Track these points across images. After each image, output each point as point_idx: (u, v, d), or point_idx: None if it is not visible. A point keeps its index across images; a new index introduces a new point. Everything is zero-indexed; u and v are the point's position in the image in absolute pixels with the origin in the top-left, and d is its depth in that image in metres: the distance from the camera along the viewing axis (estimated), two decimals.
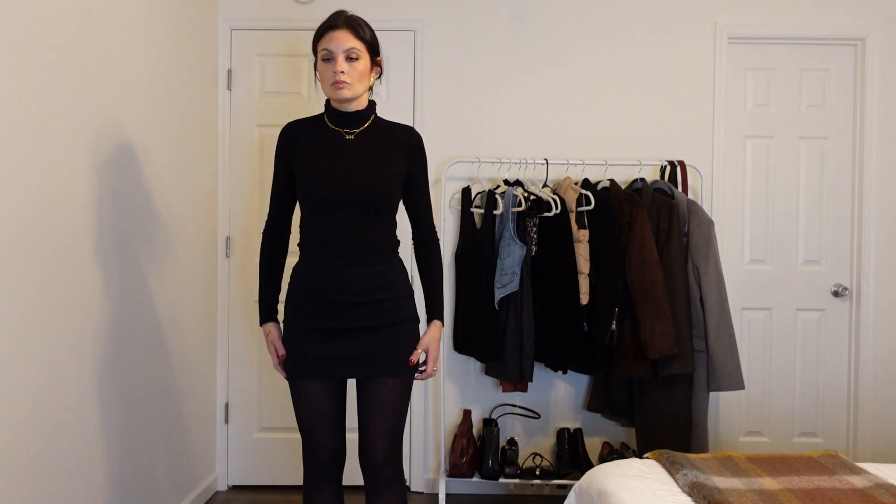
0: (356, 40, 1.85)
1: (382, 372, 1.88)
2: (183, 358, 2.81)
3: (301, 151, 1.93)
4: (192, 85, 2.88)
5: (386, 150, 1.92)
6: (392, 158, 1.91)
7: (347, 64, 1.84)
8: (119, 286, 2.25)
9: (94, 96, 2.09)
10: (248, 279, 3.23)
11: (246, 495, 3.17)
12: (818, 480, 1.91)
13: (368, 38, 1.89)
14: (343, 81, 1.84)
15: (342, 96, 1.86)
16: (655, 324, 2.73)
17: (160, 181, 2.56)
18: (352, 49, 1.84)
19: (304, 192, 1.90)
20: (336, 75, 1.83)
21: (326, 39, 1.87)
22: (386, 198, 1.89)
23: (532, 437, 3.22)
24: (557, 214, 2.87)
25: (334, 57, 1.84)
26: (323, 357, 1.87)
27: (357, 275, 1.86)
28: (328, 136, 1.93)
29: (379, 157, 1.90)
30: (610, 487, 1.89)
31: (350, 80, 1.84)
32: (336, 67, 1.83)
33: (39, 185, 1.82)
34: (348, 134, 1.92)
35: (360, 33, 1.87)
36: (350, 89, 1.85)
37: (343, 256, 1.86)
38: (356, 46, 1.85)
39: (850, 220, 3.26)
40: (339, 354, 1.87)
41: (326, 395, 1.90)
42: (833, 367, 3.28)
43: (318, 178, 1.87)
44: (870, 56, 3.20)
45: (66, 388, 1.95)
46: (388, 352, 1.88)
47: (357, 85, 1.87)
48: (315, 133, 1.95)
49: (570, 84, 3.22)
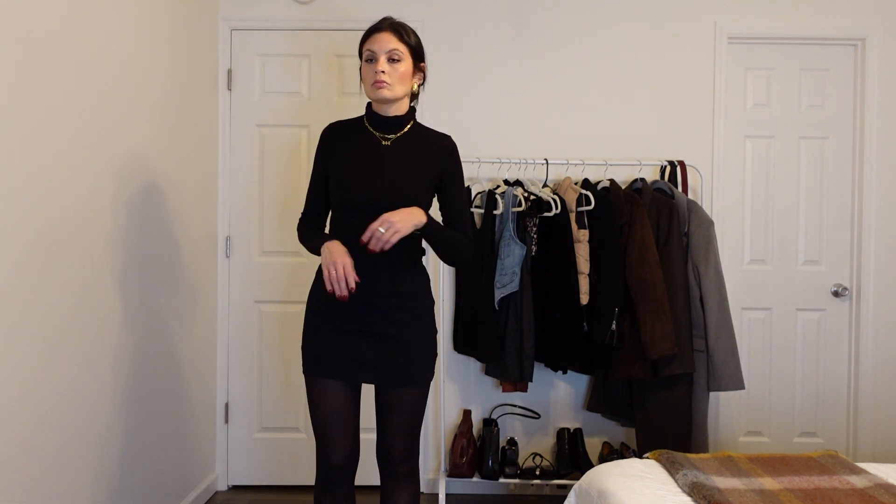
0: (399, 42, 1.87)
1: (403, 382, 1.91)
2: (183, 358, 2.81)
3: (337, 153, 1.94)
4: (192, 85, 2.88)
5: (420, 158, 1.92)
6: (425, 166, 1.91)
7: (389, 65, 1.86)
8: (118, 286, 2.25)
9: (94, 97, 2.09)
10: (249, 279, 3.23)
11: (246, 495, 3.17)
12: (818, 480, 1.91)
13: (413, 42, 1.92)
14: (383, 81, 1.85)
15: (382, 96, 1.87)
16: (655, 324, 2.73)
17: (160, 181, 2.56)
18: (394, 50, 1.86)
19: (335, 194, 1.92)
20: (377, 75, 1.85)
21: (371, 41, 1.89)
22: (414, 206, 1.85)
23: (532, 437, 3.22)
24: (557, 214, 2.87)
25: (377, 58, 1.86)
26: (342, 358, 1.88)
27: (380, 280, 1.87)
28: (365, 139, 1.94)
29: (412, 164, 1.90)
30: (610, 487, 1.88)
31: (390, 81, 1.85)
32: (377, 67, 1.85)
33: (36, 183, 1.81)
34: (385, 139, 1.93)
35: (403, 37, 1.89)
36: (390, 90, 1.86)
37: (368, 261, 1.84)
38: (399, 48, 1.87)
39: (850, 220, 3.26)
40: (359, 357, 1.88)
41: (343, 395, 1.90)
42: (833, 367, 3.28)
43: (349, 182, 1.89)
44: (870, 56, 3.20)
45: (65, 388, 1.95)
46: (410, 361, 1.90)
47: (398, 86, 1.88)
48: (353, 135, 1.96)
49: (570, 84, 3.22)
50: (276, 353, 3.23)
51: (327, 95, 3.21)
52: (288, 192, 3.21)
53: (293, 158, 3.22)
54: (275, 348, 3.23)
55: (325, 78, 3.20)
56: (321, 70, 3.21)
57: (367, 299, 1.86)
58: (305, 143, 3.22)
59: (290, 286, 3.19)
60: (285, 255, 3.21)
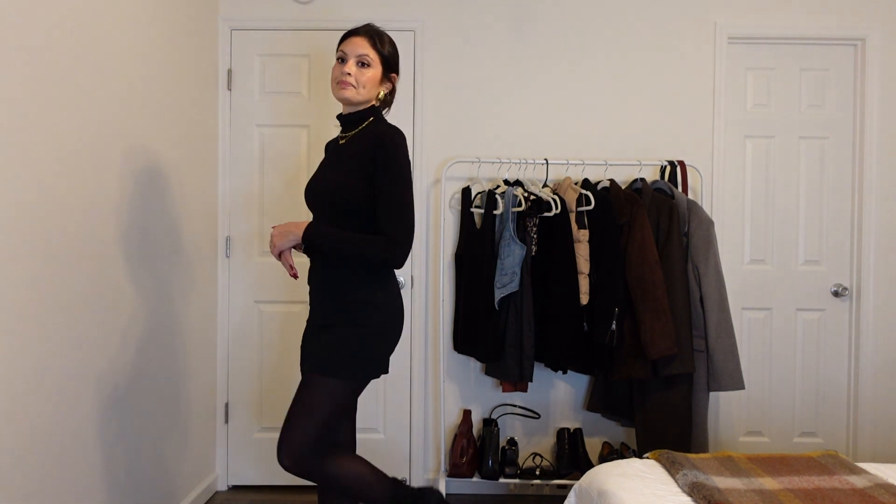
0: (371, 49, 1.91)
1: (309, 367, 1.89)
2: (183, 358, 2.81)
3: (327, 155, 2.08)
4: (192, 85, 2.88)
5: (358, 151, 1.89)
6: (360, 158, 1.87)
7: (357, 68, 1.90)
8: (118, 286, 2.25)
9: (94, 96, 2.09)
10: (249, 279, 3.23)
11: (246, 495, 3.17)
12: (818, 480, 1.91)
13: (385, 52, 1.94)
14: (347, 82, 1.89)
15: (343, 96, 1.91)
16: (655, 324, 2.73)
17: (160, 181, 2.56)
18: (364, 55, 1.90)
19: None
20: (342, 75, 1.89)
21: (345, 43, 1.94)
22: (343, 200, 1.85)
23: (532, 437, 3.22)
24: (557, 214, 2.87)
25: (347, 59, 1.91)
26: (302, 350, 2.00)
27: (322, 274, 1.92)
28: (334, 142, 2.05)
29: (350, 158, 1.90)
30: (610, 487, 1.88)
31: (355, 83, 1.89)
32: (345, 68, 1.89)
33: (37, 182, 1.81)
34: (342, 138, 2.00)
35: (376, 44, 1.92)
36: (353, 90, 1.90)
37: (317, 257, 1.95)
38: (369, 54, 1.90)
39: (850, 220, 3.26)
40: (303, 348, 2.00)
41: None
42: (833, 367, 3.28)
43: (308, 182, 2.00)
44: (870, 56, 3.20)
45: (66, 388, 1.95)
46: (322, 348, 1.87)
47: (361, 89, 1.91)
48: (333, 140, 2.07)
49: (570, 84, 3.22)
50: (276, 353, 3.23)
51: (327, 95, 3.20)
52: (288, 192, 3.21)
53: (293, 158, 3.22)
54: (275, 348, 3.23)
55: (325, 78, 3.20)
56: (321, 70, 3.21)
57: (312, 294, 1.96)
58: (305, 143, 3.22)
59: (290, 286, 3.19)
60: None
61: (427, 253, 3.20)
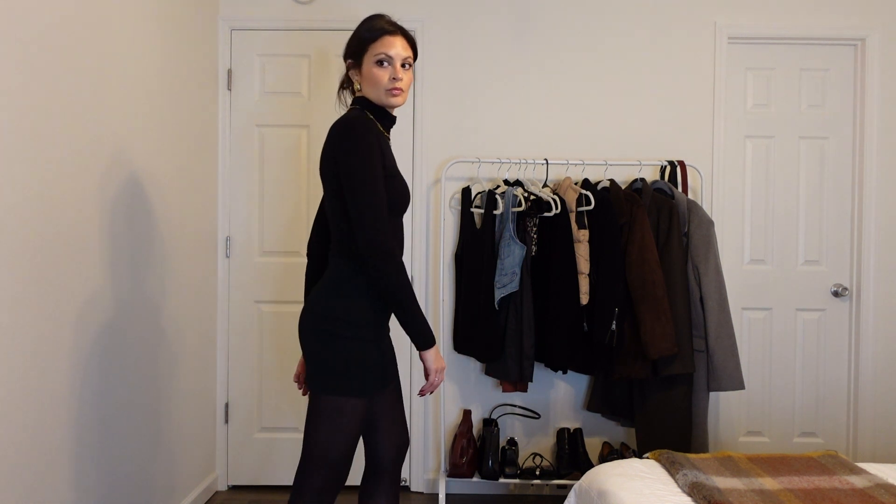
0: (410, 50, 1.85)
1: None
2: (183, 358, 2.81)
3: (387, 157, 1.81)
4: (192, 85, 2.88)
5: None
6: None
7: (403, 72, 1.82)
8: (119, 286, 2.25)
9: (94, 96, 2.09)
10: (249, 279, 3.23)
11: (246, 495, 3.17)
12: (818, 480, 1.91)
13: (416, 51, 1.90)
14: (400, 89, 1.81)
15: (397, 103, 1.83)
16: (655, 324, 2.73)
17: (160, 181, 2.56)
18: (408, 58, 1.84)
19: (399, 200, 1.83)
20: (394, 82, 1.80)
21: (383, 44, 1.81)
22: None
23: (532, 437, 3.22)
24: (557, 214, 2.87)
25: (393, 63, 1.80)
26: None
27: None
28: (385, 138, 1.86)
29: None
30: (610, 487, 1.89)
31: (404, 89, 1.83)
32: (396, 74, 1.80)
33: (37, 182, 1.81)
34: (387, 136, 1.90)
35: (413, 44, 1.87)
36: (403, 97, 1.84)
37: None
38: (410, 57, 1.85)
39: (850, 220, 3.27)
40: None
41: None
42: (833, 367, 3.28)
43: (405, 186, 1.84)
44: (870, 56, 3.20)
45: (66, 388, 1.95)
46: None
47: (406, 94, 1.86)
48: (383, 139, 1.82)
49: (570, 84, 3.22)
50: (276, 353, 3.23)
51: (327, 95, 3.20)
52: (288, 192, 3.21)
53: (293, 158, 3.22)
54: (275, 348, 3.23)
55: (325, 78, 3.20)
56: (321, 70, 3.21)
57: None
58: (305, 143, 3.22)
59: (290, 286, 3.19)
60: (285, 255, 3.21)
61: (427, 253, 3.20)
